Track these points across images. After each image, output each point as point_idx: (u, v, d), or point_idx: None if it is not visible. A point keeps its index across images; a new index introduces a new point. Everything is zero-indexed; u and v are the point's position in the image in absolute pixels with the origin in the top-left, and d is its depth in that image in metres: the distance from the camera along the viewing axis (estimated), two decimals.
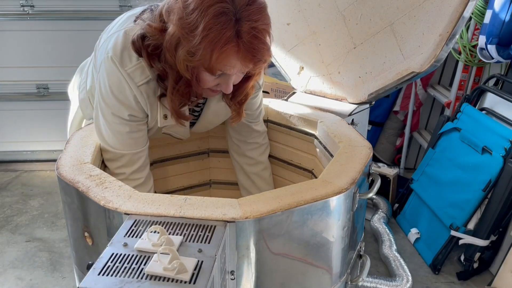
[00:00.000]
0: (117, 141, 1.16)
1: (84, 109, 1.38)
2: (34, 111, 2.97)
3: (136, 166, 1.19)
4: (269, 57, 1.03)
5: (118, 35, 1.09)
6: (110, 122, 1.14)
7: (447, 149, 2.23)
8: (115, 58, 1.07)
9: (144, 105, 1.13)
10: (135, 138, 1.17)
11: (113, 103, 1.11)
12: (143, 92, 1.11)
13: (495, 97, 2.13)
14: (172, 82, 1.08)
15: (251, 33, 0.96)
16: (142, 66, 1.08)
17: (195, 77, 1.04)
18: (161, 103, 1.15)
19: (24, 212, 2.51)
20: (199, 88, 1.09)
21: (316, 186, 0.97)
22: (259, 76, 1.18)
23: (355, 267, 1.19)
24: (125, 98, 1.10)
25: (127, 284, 0.68)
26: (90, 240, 0.99)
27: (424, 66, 1.36)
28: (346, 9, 1.54)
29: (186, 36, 0.97)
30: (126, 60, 1.08)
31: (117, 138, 1.15)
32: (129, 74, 1.08)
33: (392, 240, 2.15)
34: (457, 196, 2.05)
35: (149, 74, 1.09)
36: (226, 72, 1.02)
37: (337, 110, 1.53)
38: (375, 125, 2.87)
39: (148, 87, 1.11)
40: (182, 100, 1.11)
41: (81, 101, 1.38)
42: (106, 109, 1.13)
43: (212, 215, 0.86)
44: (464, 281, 2.00)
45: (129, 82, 1.08)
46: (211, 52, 0.95)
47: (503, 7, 1.90)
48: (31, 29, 2.78)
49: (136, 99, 1.11)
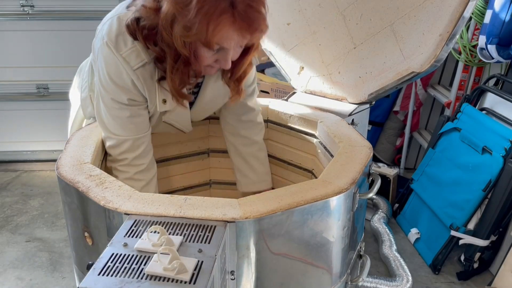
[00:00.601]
0: (118, 126, 1.17)
1: (85, 109, 1.38)
2: (34, 111, 2.97)
3: (139, 151, 1.20)
4: (265, 26, 1.04)
5: (112, 21, 1.10)
6: (110, 108, 1.15)
7: (447, 149, 2.23)
8: (110, 43, 1.09)
9: (141, 89, 1.14)
10: (136, 123, 1.18)
11: (112, 88, 1.13)
12: (140, 76, 1.12)
13: (495, 97, 2.13)
14: (171, 62, 1.08)
15: (246, 3, 0.97)
16: (137, 50, 1.09)
17: (193, 54, 1.04)
18: (160, 86, 1.15)
19: (24, 212, 2.51)
20: (198, 65, 1.09)
21: (316, 186, 0.97)
22: (257, 51, 1.18)
23: (355, 267, 1.19)
24: (123, 82, 1.11)
25: (127, 284, 0.68)
26: (90, 240, 0.99)
27: (424, 66, 1.36)
28: (346, 9, 1.54)
29: (181, 11, 0.98)
30: (121, 44, 1.09)
31: (118, 123, 1.16)
32: (124, 58, 1.09)
33: (392, 240, 2.15)
34: (457, 196, 2.04)
35: (144, 57, 1.10)
36: (223, 46, 1.03)
37: (337, 110, 1.53)
38: (375, 125, 2.87)
39: (144, 71, 1.12)
40: (182, 79, 1.11)
41: (82, 101, 1.38)
42: (106, 95, 1.14)
43: (212, 215, 0.86)
44: (464, 281, 2.00)
45: (125, 66, 1.09)
46: (207, 24, 0.96)
47: (503, 7, 1.90)
48: (31, 29, 2.78)
49: (134, 83, 1.12)
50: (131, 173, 1.20)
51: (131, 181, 1.20)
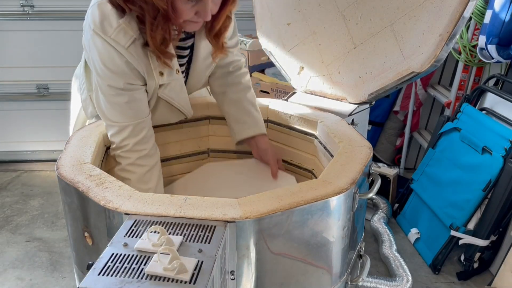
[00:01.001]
0: (117, 113, 1.18)
1: (86, 110, 1.39)
2: (34, 111, 2.97)
3: (140, 137, 1.20)
4: None
5: (93, 9, 1.12)
6: (108, 95, 1.16)
7: (447, 149, 2.23)
8: (97, 29, 1.10)
9: (138, 67, 1.15)
10: (135, 108, 1.19)
11: (107, 75, 1.14)
12: (133, 53, 1.12)
13: (495, 97, 2.13)
14: (150, 19, 1.08)
15: None
16: (123, 28, 1.10)
17: (171, 7, 1.05)
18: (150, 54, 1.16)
19: (24, 212, 2.51)
20: (178, 20, 1.09)
21: (316, 186, 0.97)
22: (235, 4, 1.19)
23: (355, 267, 1.19)
24: (116, 67, 1.12)
25: (127, 284, 0.68)
26: (90, 240, 0.99)
27: (424, 66, 1.36)
28: (346, 9, 1.54)
29: None
30: (107, 27, 1.10)
31: (117, 110, 1.17)
32: (113, 39, 1.10)
33: (392, 240, 2.15)
34: (457, 196, 2.05)
35: (132, 34, 1.11)
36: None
37: (337, 110, 1.53)
38: (375, 125, 2.87)
39: (136, 47, 1.13)
40: (164, 37, 1.11)
41: (83, 102, 1.39)
42: (103, 83, 1.15)
43: (212, 215, 0.86)
44: (464, 281, 2.00)
45: (117, 48, 1.10)
46: None
47: (503, 7, 1.90)
48: (31, 29, 2.78)
49: (129, 64, 1.13)
50: (133, 158, 1.21)
51: (134, 166, 1.21)
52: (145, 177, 1.22)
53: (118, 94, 1.16)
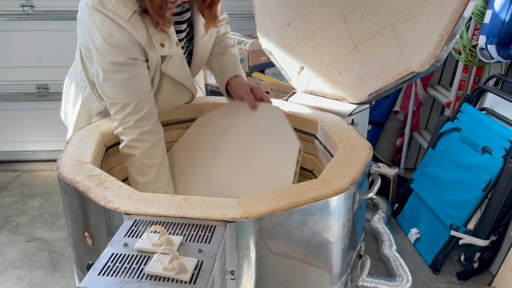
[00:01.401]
0: (119, 90, 1.19)
1: (90, 106, 1.39)
2: (34, 111, 2.97)
3: (142, 113, 1.21)
4: None
5: None
6: (109, 72, 1.17)
7: (447, 149, 2.23)
8: (96, 4, 1.12)
9: (139, 39, 1.16)
10: (137, 85, 1.20)
11: (108, 51, 1.15)
12: (135, 25, 1.14)
13: (495, 97, 2.13)
14: None
15: None
16: (122, 1, 1.12)
17: None
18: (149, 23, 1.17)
19: (24, 212, 2.51)
20: None
21: (316, 186, 0.97)
22: None
23: (355, 267, 1.19)
24: (117, 41, 1.14)
25: (127, 284, 0.68)
26: (90, 240, 0.99)
27: (424, 66, 1.36)
28: (346, 9, 1.54)
29: None
30: (105, 2, 1.12)
31: (119, 87, 1.19)
32: (114, 12, 1.11)
33: (392, 240, 2.15)
34: (457, 196, 2.05)
35: (132, 6, 1.13)
36: None
37: (337, 110, 1.53)
38: (375, 125, 2.87)
39: (136, 19, 1.15)
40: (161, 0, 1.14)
41: (86, 100, 1.39)
42: (104, 61, 1.16)
43: (212, 215, 0.86)
44: (464, 281, 2.00)
45: (118, 21, 1.12)
46: None
47: (503, 7, 1.90)
48: (31, 29, 2.78)
49: (130, 37, 1.14)
50: (136, 134, 1.21)
51: (137, 142, 1.22)
52: (149, 152, 1.23)
53: (119, 70, 1.17)
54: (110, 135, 1.27)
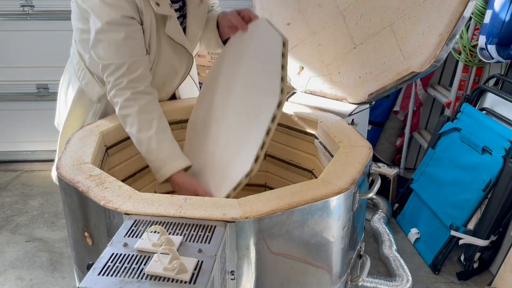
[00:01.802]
0: (113, 51, 1.20)
1: (91, 91, 1.40)
2: (34, 111, 2.97)
3: (135, 75, 1.22)
4: None
5: None
6: (106, 32, 1.19)
7: (447, 149, 2.23)
8: None
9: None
10: (131, 45, 1.22)
11: (104, 10, 1.17)
12: None
13: (495, 97, 2.13)
14: None
15: None
16: None
17: None
18: None
19: (24, 212, 2.51)
20: None
21: (316, 186, 0.97)
22: None
23: (355, 267, 1.19)
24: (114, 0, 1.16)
25: (127, 284, 0.68)
26: (90, 240, 0.99)
27: (424, 66, 1.36)
28: (346, 9, 1.54)
29: None
30: None
31: (113, 47, 1.20)
32: None
33: (392, 240, 2.15)
34: (457, 196, 2.05)
35: None
36: None
37: (337, 110, 1.53)
38: (375, 125, 2.87)
39: None
40: None
41: (86, 86, 1.40)
42: (100, 22, 1.18)
43: (212, 215, 0.86)
44: (464, 281, 2.00)
45: None
46: None
47: (503, 7, 1.90)
48: (31, 29, 2.78)
49: None
50: (128, 94, 1.22)
51: (131, 101, 1.22)
52: (146, 107, 1.23)
53: (115, 30, 1.19)
54: (110, 135, 1.27)
